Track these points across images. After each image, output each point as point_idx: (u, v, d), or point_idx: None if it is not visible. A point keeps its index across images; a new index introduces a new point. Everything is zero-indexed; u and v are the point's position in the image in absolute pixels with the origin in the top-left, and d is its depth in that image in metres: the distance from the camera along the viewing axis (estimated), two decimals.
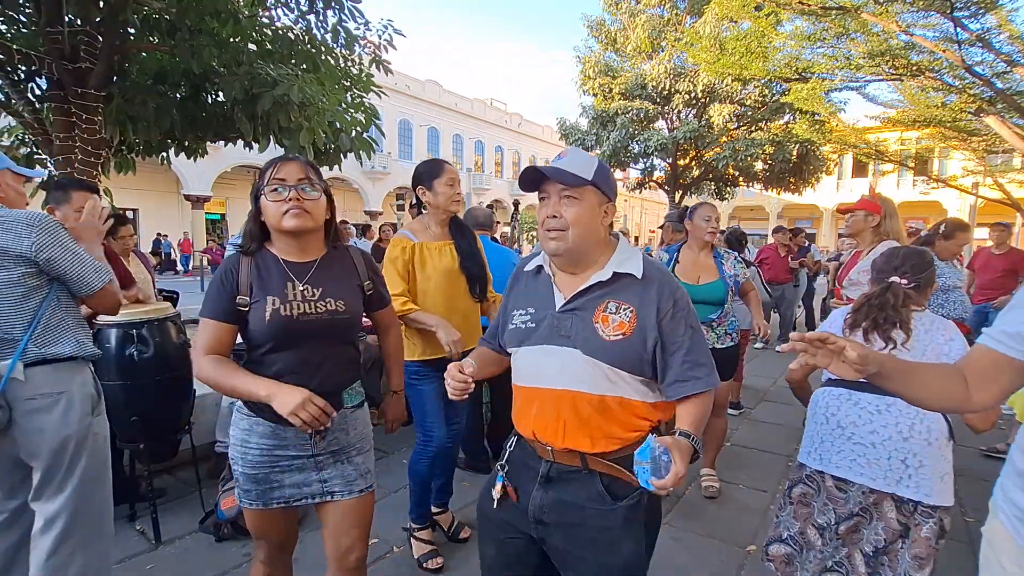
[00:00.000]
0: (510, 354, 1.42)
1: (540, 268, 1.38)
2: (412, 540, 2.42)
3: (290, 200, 1.40)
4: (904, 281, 1.77)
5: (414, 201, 2.34)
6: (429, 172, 2.27)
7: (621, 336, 1.23)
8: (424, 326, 2.16)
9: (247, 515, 1.55)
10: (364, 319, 1.64)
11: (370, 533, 1.64)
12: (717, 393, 1.32)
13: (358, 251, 1.65)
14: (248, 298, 1.41)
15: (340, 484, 1.53)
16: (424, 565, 2.33)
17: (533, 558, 1.36)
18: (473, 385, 1.34)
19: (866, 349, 1.00)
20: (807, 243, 8.12)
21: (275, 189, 1.40)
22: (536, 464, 1.31)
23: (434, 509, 2.56)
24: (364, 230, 10.03)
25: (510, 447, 1.39)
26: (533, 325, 1.31)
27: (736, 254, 3.20)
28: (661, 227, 3.88)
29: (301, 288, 1.44)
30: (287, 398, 1.31)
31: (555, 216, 1.24)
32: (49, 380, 1.64)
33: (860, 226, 2.90)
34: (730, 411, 4.69)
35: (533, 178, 1.27)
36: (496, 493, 1.33)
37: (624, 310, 1.25)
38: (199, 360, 1.40)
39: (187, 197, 21.73)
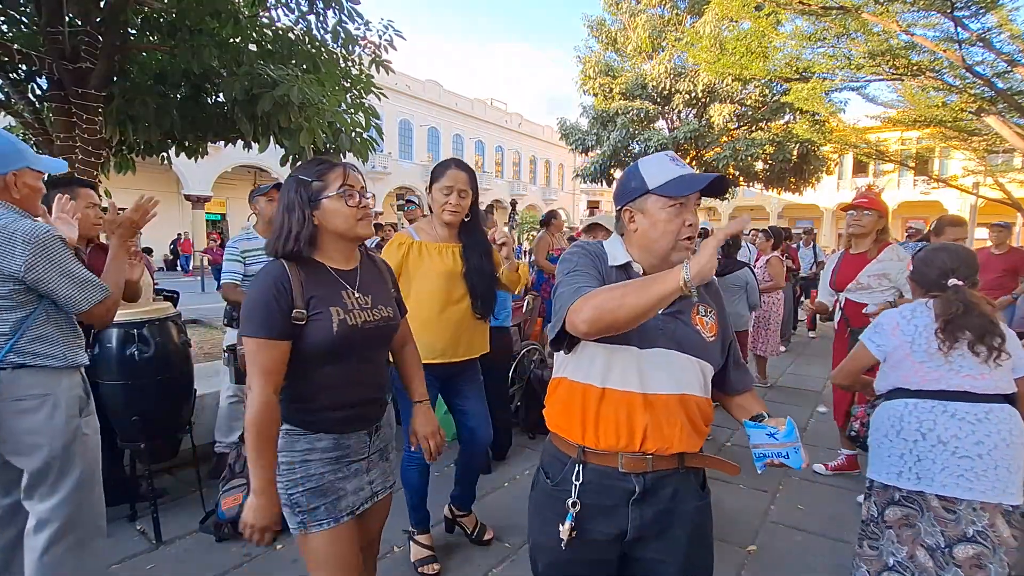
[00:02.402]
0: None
1: (629, 266, 1.27)
2: (411, 543, 2.41)
3: (363, 207, 1.37)
4: (962, 283, 1.66)
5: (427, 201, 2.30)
6: (433, 175, 2.20)
7: (714, 337, 1.27)
8: None
9: (316, 546, 1.35)
10: None
11: None
12: None
13: (381, 258, 1.61)
14: (305, 311, 1.30)
15: (381, 481, 1.52)
16: (420, 570, 2.31)
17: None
18: None
19: None
20: (810, 243, 8.04)
21: (350, 195, 1.35)
22: (621, 483, 1.22)
23: (457, 513, 2.57)
24: (376, 228, 10.14)
25: (576, 480, 1.23)
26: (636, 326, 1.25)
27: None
28: None
29: (356, 296, 1.40)
30: (257, 513, 1.27)
31: (692, 224, 1.19)
32: (35, 382, 1.64)
33: (872, 226, 2.83)
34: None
35: (694, 187, 1.18)
36: (564, 534, 1.21)
37: (710, 312, 1.29)
38: (264, 391, 1.26)
39: (187, 197, 21.75)
